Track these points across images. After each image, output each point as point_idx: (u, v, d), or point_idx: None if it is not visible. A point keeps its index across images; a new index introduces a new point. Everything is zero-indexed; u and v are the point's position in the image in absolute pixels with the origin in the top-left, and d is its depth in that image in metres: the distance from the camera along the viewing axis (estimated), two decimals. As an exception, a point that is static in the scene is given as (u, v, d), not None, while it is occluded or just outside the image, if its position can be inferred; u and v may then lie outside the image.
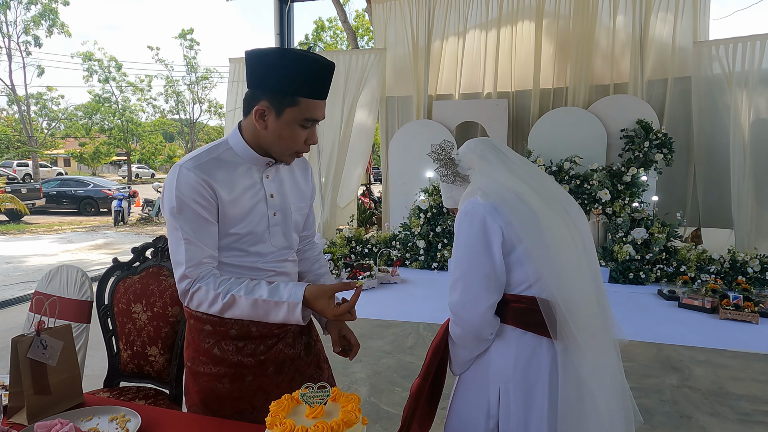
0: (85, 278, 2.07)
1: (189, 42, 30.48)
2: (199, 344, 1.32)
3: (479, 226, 1.21)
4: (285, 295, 1.16)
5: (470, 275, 1.22)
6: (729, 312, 4.25)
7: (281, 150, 1.26)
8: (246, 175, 1.27)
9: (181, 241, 1.19)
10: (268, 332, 1.34)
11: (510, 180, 1.25)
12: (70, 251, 8.44)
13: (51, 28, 23.43)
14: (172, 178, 1.21)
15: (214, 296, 1.18)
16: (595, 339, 1.18)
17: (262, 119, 1.22)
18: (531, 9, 6.96)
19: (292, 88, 1.17)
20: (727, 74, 6.04)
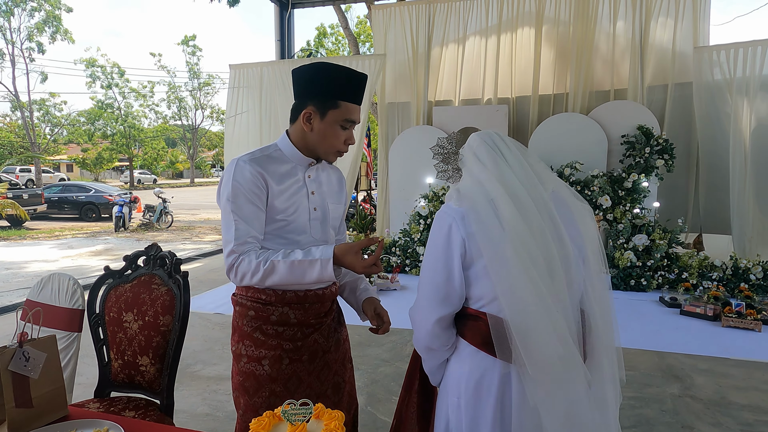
0: (76, 286, 2.05)
1: (191, 48, 30.65)
2: (243, 329, 1.47)
3: (445, 234, 1.18)
4: (317, 254, 1.32)
5: (427, 284, 1.21)
6: (731, 320, 4.20)
7: (326, 149, 1.45)
8: (292, 172, 1.46)
9: (232, 222, 1.36)
10: (305, 321, 1.47)
11: (490, 184, 1.17)
12: (70, 257, 8.42)
13: (54, 35, 23.57)
14: (230, 170, 1.39)
15: (256, 265, 1.33)
16: (550, 370, 1.07)
17: (309, 122, 1.42)
18: (531, 15, 6.96)
19: (334, 93, 1.39)
20: (727, 80, 6.02)
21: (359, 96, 1.43)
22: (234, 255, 1.36)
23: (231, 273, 1.38)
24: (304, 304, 1.46)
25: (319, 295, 1.49)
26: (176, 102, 32.27)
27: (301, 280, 1.34)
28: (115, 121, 29.91)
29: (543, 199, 1.16)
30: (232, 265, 1.37)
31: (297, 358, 1.46)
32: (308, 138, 1.44)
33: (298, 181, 1.46)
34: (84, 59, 28.27)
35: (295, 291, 1.45)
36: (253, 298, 1.46)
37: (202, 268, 7.23)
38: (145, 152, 33.00)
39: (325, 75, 1.39)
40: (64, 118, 28.36)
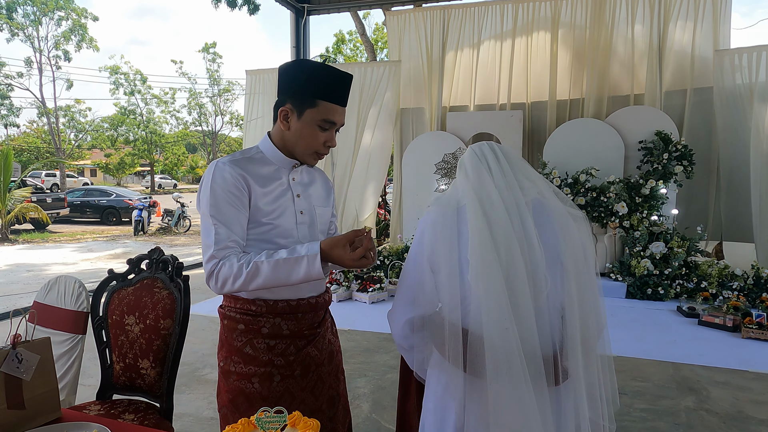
0: (82, 289, 2.07)
1: (212, 55, 31.11)
2: (231, 343, 1.39)
3: (418, 238, 1.22)
4: (303, 251, 1.25)
5: (400, 286, 1.25)
6: (752, 331, 4.07)
7: (303, 149, 1.38)
8: (275, 175, 1.39)
9: (211, 226, 1.29)
10: (299, 332, 1.40)
11: (464, 191, 1.21)
12: (89, 260, 8.59)
13: (80, 43, 24.22)
14: (209, 173, 1.33)
15: (238, 268, 1.25)
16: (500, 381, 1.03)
17: (286, 120, 1.36)
18: (546, 19, 6.89)
19: (311, 91, 1.32)
20: (748, 84, 5.86)
21: (342, 97, 1.35)
22: (214, 260, 1.28)
23: (211, 280, 1.28)
24: (296, 314, 1.39)
25: (312, 304, 1.42)
26: (197, 108, 32.76)
27: (288, 280, 1.26)
28: (137, 127, 30.50)
29: (517, 205, 1.15)
30: (212, 271, 1.28)
31: (289, 374, 1.38)
32: (286, 138, 1.38)
33: (282, 184, 1.40)
34: (108, 67, 28.94)
35: (287, 300, 1.37)
36: (242, 309, 1.38)
37: (216, 272, 7.30)
38: (166, 157, 33.56)
39: (304, 72, 1.34)
40: (89, 124, 29.03)
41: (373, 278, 5.48)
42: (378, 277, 5.50)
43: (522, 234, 1.11)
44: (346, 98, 1.38)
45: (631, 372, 3.37)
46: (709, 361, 3.58)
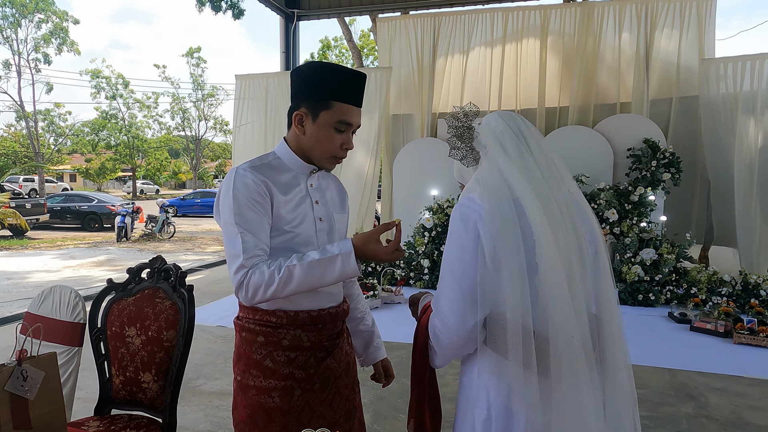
0: (78, 299, 1.99)
1: (196, 60, 30.85)
2: (250, 356, 1.34)
3: (472, 232, 1.08)
4: (335, 249, 1.21)
5: (457, 287, 1.09)
6: (743, 336, 4.12)
7: (319, 154, 1.34)
8: (294, 182, 1.36)
9: (237, 235, 1.23)
10: (319, 344, 1.36)
11: (515, 180, 1.09)
12: (72, 267, 8.38)
13: (61, 46, 23.81)
14: (230, 180, 1.28)
15: (269, 275, 1.20)
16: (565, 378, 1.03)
17: (301, 124, 1.33)
18: (536, 28, 6.97)
19: (325, 93, 1.28)
20: (733, 93, 5.98)
21: (357, 97, 1.32)
22: (243, 270, 1.22)
23: (241, 291, 1.23)
24: (317, 326, 1.35)
25: (333, 315, 1.39)
26: (180, 113, 32.42)
27: (322, 282, 1.22)
28: (119, 132, 30.06)
29: (565, 201, 1.10)
30: (242, 282, 1.22)
31: (309, 387, 1.34)
32: (302, 142, 1.34)
33: (301, 191, 1.36)
34: (89, 70, 28.52)
35: (308, 311, 1.34)
36: (261, 321, 1.33)
37: (204, 279, 7.17)
38: (148, 162, 33.11)
39: (317, 74, 1.31)
40: (69, 128, 28.51)
41: (366, 285, 5.43)
42: (371, 284, 5.45)
43: (573, 233, 1.07)
44: (360, 98, 1.34)
45: (630, 379, 3.37)
46: (705, 367, 3.61)
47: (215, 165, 40.48)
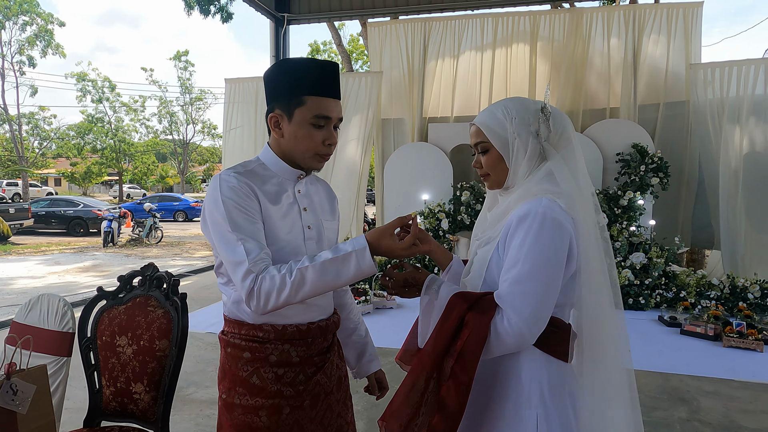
0: (67, 308, 1.95)
1: (184, 63, 30.65)
2: (236, 373, 1.27)
3: (567, 241, 1.10)
4: (349, 247, 1.14)
5: (548, 292, 1.09)
6: (733, 339, 4.16)
7: (302, 153, 1.28)
8: (281, 188, 1.30)
9: (237, 242, 1.16)
10: (308, 359, 1.30)
11: (586, 187, 1.15)
12: (57, 273, 8.24)
13: (46, 49, 23.50)
14: (215, 187, 1.22)
15: (281, 279, 1.12)
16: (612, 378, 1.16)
17: (278, 127, 1.27)
18: (525, 33, 7.01)
19: (297, 89, 1.22)
20: (720, 99, 6.07)
21: (330, 88, 1.24)
22: (251, 276, 1.13)
23: (252, 299, 1.14)
24: (306, 340, 1.29)
25: (323, 328, 1.33)
26: (167, 117, 32.16)
27: (337, 282, 1.14)
28: (105, 135, 29.73)
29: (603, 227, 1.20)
30: (251, 288, 1.13)
31: (298, 405, 1.28)
32: (283, 145, 1.28)
33: (289, 197, 1.30)
34: (75, 73, 28.18)
35: (297, 325, 1.28)
36: (248, 336, 1.26)
37: (193, 285, 7.09)
38: (135, 166, 32.76)
39: (284, 71, 1.25)
40: (54, 131, 28.14)
41: (358, 290, 5.40)
42: (363, 289, 5.42)
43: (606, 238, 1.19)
44: (336, 89, 1.27)
45: (623, 383, 3.38)
46: (696, 370, 3.63)
47: (203, 169, 40.20)
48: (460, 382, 1.08)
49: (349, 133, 7.07)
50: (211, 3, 11.73)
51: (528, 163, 1.19)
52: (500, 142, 1.20)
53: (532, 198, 1.12)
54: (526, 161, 1.18)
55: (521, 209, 1.12)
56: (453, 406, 1.07)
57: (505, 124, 1.19)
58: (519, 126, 1.18)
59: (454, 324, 1.11)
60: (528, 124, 1.18)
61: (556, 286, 1.09)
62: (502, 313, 1.09)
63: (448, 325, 1.12)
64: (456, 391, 1.08)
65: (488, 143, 1.22)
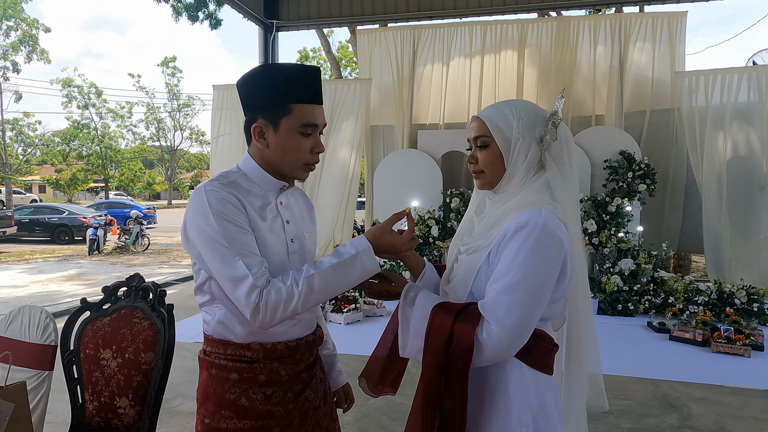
0: (49, 320, 1.89)
1: (171, 70, 30.48)
2: (222, 396, 1.21)
3: (563, 254, 1.07)
4: (352, 249, 1.13)
5: (536, 305, 1.05)
6: (721, 345, 4.19)
7: (290, 164, 1.23)
8: (263, 200, 1.24)
9: (234, 257, 1.11)
10: (297, 376, 1.26)
11: (577, 205, 1.17)
12: (40, 282, 8.08)
13: (30, 55, 23.19)
14: (201, 201, 1.14)
15: (288, 291, 1.09)
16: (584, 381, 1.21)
17: (262, 137, 1.21)
18: (513, 41, 7.07)
19: (281, 97, 1.18)
20: (704, 106, 6.16)
21: (315, 94, 1.21)
22: (256, 291, 1.09)
23: (258, 315, 1.09)
24: (295, 356, 1.26)
25: (310, 343, 1.30)
26: (155, 123, 31.91)
27: (343, 286, 1.13)
28: (91, 142, 29.38)
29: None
30: (257, 303, 1.09)
31: (288, 423, 1.24)
32: (267, 156, 1.22)
33: (273, 211, 1.25)
34: (60, 79, 27.87)
35: (286, 342, 1.24)
36: (234, 356, 1.20)
37: (180, 293, 6.99)
38: (122, 173, 32.41)
39: (269, 78, 1.19)
40: (38, 138, 27.74)
41: (348, 298, 5.36)
42: (353, 297, 5.39)
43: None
44: (320, 95, 1.23)
45: (613, 390, 3.38)
46: (686, 376, 3.64)
47: (191, 175, 39.93)
48: (455, 393, 1.06)
49: (339, 139, 7.06)
50: (200, 9, 11.68)
51: (526, 169, 1.15)
52: (503, 139, 1.16)
53: (532, 207, 1.09)
54: (525, 166, 1.15)
55: (520, 218, 1.08)
56: (454, 425, 1.05)
57: (511, 123, 1.15)
58: (525, 128, 1.15)
59: (444, 338, 1.08)
60: (534, 129, 1.15)
61: (543, 300, 1.06)
62: (483, 324, 1.06)
63: (439, 341, 1.08)
64: (452, 403, 1.06)
65: (490, 138, 1.17)
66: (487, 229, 1.17)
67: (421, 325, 1.13)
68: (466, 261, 1.19)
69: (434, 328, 1.09)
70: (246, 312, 1.11)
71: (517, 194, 1.15)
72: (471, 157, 1.23)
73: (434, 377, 1.07)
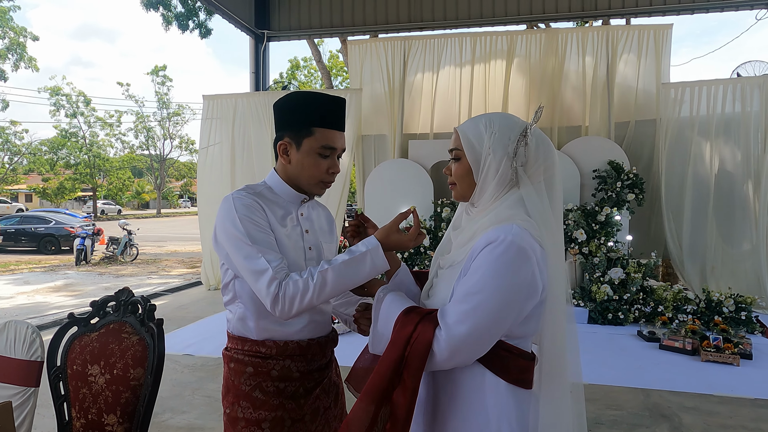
0: (35, 335, 1.86)
1: (161, 78, 30.37)
2: (239, 388, 1.35)
3: (532, 272, 1.06)
4: (362, 247, 1.24)
5: (493, 318, 1.04)
6: (710, 354, 4.21)
7: (307, 180, 1.37)
8: (285, 210, 1.38)
9: (257, 254, 1.24)
10: (308, 374, 1.37)
11: (556, 218, 1.14)
12: (26, 293, 7.95)
13: (18, 63, 22.99)
14: (229, 207, 1.29)
15: (304, 283, 1.21)
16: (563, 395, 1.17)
17: (286, 154, 1.36)
18: (503, 52, 7.14)
19: (307, 121, 1.32)
20: (690, 117, 6.26)
21: (337, 121, 1.36)
22: (276, 282, 1.21)
23: (277, 305, 1.21)
24: (306, 356, 1.37)
25: (322, 344, 1.40)
26: (144, 131, 31.72)
27: (355, 281, 1.23)
28: (79, 151, 29.12)
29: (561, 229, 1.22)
30: (276, 294, 1.21)
31: (299, 418, 1.35)
32: (289, 171, 1.38)
33: (293, 220, 1.39)
34: (48, 88, 27.63)
35: (298, 341, 1.35)
36: (251, 352, 1.34)
37: (169, 304, 6.91)
38: (110, 182, 32.12)
39: (297, 103, 1.35)
40: (25, 146, 27.46)
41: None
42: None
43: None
44: (342, 122, 1.37)
45: (605, 400, 3.39)
46: (676, 386, 3.65)
47: (180, 185, 39.67)
48: (406, 387, 1.07)
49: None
50: (190, 18, 11.68)
51: (497, 185, 1.14)
52: (473, 154, 1.15)
53: (503, 223, 1.09)
54: (496, 182, 1.14)
55: (490, 234, 1.08)
56: (401, 413, 1.06)
57: (483, 138, 1.14)
58: (496, 143, 1.13)
59: (406, 336, 1.09)
60: (506, 144, 1.13)
61: (504, 315, 1.05)
62: (436, 329, 1.08)
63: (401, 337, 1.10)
64: (403, 396, 1.07)
65: (461, 152, 1.18)
66: (462, 244, 1.18)
67: (385, 325, 1.16)
68: (444, 276, 1.21)
69: (399, 326, 1.12)
70: (267, 302, 1.22)
71: (490, 210, 1.15)
72: (446, 168, 1.25)
73: (389, 369, 1.08)
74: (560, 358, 1.16)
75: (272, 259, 1.23)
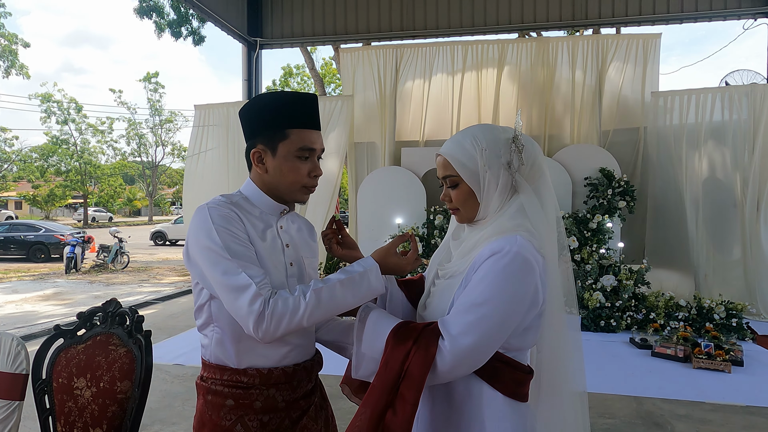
0: (20, 348, 1.82)
1: (154, 85, 30.30)
2: (217, 423, 1.21)
3: (535, 284, 1.06)
4: (359, 268, 1.17)
5: (497, 329, 1.04)
6: (702, 361, 4.22)
7: (288, 187, 1.26)
8: (264, 222, 1.27)
9: (237, 268, 1.12)
10: (294, 403, 1.25)
11: (554, 225, 1.14)
12: (14, 302, 7.85)
13: (9, 69, 22.85)
14: (204, 218, 1.17)
15: (295, 302, 1.10)
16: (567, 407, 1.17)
17: (261, 162, 1.25)
18: (494, 61, 7.18)
19: (279, 123, 1.21)
20: (679, 125, 6.32)
21: (312, 119, 1.25)
22: (260, 299, 1.08)
23: (262, 323, 1.08)
24: (292, 383, 1.25)
25: (308, 369, 1.30)
26: (136, 138, 31.59)
27: (350, 302, 1.15)
28: (70, 158, 28.94)
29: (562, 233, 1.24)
30: (261, 312, 1.08)
31: None
32: (267, 180, 1.26)
33: (273, 233, 1.27)
34: (39, 94, 27.49)
35: (283, 368, 1.24)
36: (230, 382, 1.20)
37: (160, 313, 6.85)
38: (101, 189, 31.92)
39: (266, 105, 1.24)
40: (15, 153, 27.25)
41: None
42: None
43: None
44: (317, 120, 1.27)
45: (598, 408, 3.38)
46: (668, 393, 3.66)
47: (172, 191, 39.48)
48: (405, 401, 1.04)
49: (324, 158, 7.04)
50: (183, 26, 11.67)
51: (500, 197, 1.14)
52: (470, 176, 1.15)
53: (507, 234, 1.09)
54: (498, 195, 1.14)
55: (494, 244, 1.07)
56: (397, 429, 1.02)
57: (474, 157, 1.13)
58: (490, 158, 1.13)
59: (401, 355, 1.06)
60: (499, 156, 1.13)
61: (506, 326, 1.04)
62: (439, 341, 1.05)
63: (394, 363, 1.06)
64: (402, 411, 1.03)
65: (458, 177, 1.16)
66: (463, 255, 1.17)
67: (370, 345, 1.13)
68: (443, 286, 1.19)
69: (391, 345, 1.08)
70: (249, 321, 1.09)
71: (493, 221, 1.15)
72: (444, 195, 1.22)
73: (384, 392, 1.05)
74: (561, 369, 1.14)
75: (255, 275, 1.12)
